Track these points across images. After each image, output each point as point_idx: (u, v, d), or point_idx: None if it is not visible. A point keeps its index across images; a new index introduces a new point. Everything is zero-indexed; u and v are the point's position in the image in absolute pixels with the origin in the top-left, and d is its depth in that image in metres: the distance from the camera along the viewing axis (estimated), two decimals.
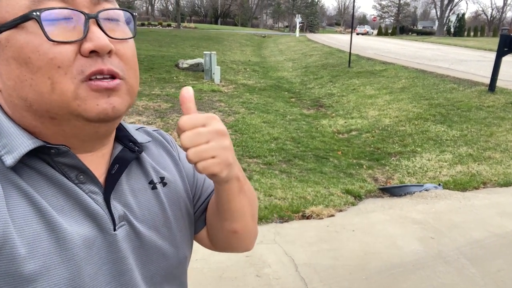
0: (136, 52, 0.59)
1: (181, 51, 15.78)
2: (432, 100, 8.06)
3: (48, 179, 0.52)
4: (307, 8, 70.42)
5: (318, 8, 78.98)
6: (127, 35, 0.55)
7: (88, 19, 0.49)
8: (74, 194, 0.53)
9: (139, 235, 0.60)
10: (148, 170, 0.65)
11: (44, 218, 0.49)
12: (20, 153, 0.49)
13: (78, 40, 0.49)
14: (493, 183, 4.43)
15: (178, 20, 38.03)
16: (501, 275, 2.56)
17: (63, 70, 0.48)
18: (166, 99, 7.77)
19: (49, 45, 0.47)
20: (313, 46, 21.47)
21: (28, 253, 0.46)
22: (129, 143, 0.64)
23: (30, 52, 0.48)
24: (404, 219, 3.37)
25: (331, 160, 5.36)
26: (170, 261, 0.64)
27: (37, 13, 0.47)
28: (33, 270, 0.46)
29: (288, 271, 2.56)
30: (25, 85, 0.49)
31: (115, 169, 0.59)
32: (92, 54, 0.49)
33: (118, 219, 0.57)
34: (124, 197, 0.60)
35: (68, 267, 0.50)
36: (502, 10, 67.52)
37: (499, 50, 7.67)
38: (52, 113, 0.50)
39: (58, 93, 0.48)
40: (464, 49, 20.76)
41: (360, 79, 11.10)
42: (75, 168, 0.54)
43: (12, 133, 0.51)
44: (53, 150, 0.52)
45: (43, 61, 0.47)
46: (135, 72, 0.56)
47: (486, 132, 6.06)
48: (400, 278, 2.52)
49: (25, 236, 0.47)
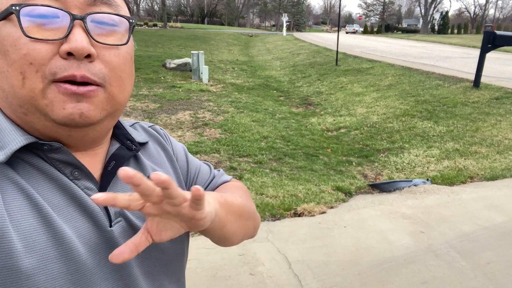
0: (130, 61, 0.57)
1: (168, 51, 15.66)
2: (418, 97, 8.17)
3: (43, 174, 0.52)
4: (294, 7, 70.66)
5: (305, 7, 79.26)
6: (120, 42, 0.53)
7: (73, 20, 0.49)
8: (70, 190, 0.53)
9: (136, 230, 0.59)
10: (145, 167, 0.65)
11: (40, 213, 0.49)
12: (12, 149, 0.49)
13: (56, 39, 0.48)
14: (480, 177, 4.51)
15: (164, 20, 37.73)
16: (490, 267, 2.61)
17: (34, 67, 0.47)
18: (154, 99, 7.71)
19: (26, 40, 0.47)
20: (300, 45, 21.54)
21: (25, 247, 0.46)
22: (127, 141, 0.64)
23: (8, 45, 0.48)
24: (394, 214, 3.41)
25: (321, 158, 5.38)
26: (168, 256, 0.64)
27: (16, 8, 0.47)
28: (31, 264, 0.46)
29: (281, 268, 2.57)
30: (3, 77, 0.49)
31: (112, 166, 0.59)
32: (70, 56, 0.48)
33: (114, 215, 0.57)
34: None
35: (66, 261, 0.49)
36: (485, 8, 68.82)
37: (483, 47, 7.81)
38: (24, 108, 0.50)
39: (27, 89, 0.48)
40: (449, 46, 21.09)
41: (347, 77, 11.18)
42: (70, 164, 0.54)
43: (4, 128, 0.51)
44: (46, 147, 0.52)
45: (18, 55, 0.47)
46: (121, 81, 0.54)
47: (472, 128, 6.17)
48: (392, 272, 2.55)
49: (22, 230, 0.47)
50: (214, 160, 4.72)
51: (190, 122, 6.36)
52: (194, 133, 5.81)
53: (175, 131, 5.81)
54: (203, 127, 6.12)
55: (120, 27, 0.54)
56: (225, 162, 4.70)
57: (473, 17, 69.54)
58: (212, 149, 5.10)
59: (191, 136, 5.67)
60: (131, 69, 0.58)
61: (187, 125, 6.21)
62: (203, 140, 5.46)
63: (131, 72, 0.58)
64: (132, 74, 0.58)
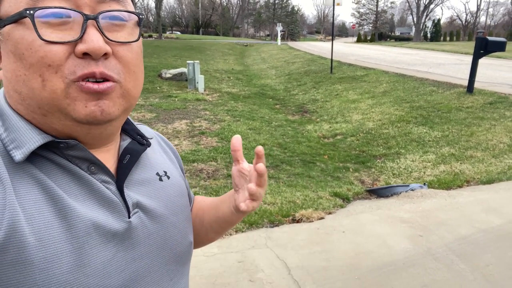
0: (141, 55, 0.58)
1: (163, 61, 15.72)
2: (413, 103, 8.23)
3: (62, 168, 0.53)
4: (288, 16, 71.33)
5: (298, 16, 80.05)
6: (131, 37, 0.54)
7: (86, 20, 0.49)
8: (88, 183, 0.54)
9: (153, 221, 0.61)
10: (153, 163, 0.68)
11: (56, 205, 0.50)
12: (30, 148, 0.50)
13: (71, 41, 0.49)
14: (476, 181, 4.53)
15: (159, 31, 37.96)
16: (489, 269, 2.61)
17: (53, 69, 0.48)
18: (150, 109, 7.72)
19: (41, 43, 0.47)
20: (295, 54, 21.69)
21: (37, 240, 0.47)
22: (137, 136, 0.66)
23: (23, 48, 0.48)
24: (392, 218, 3.41)
25: (318, 164, 5.39)
26: (181, 247, 0.67)
27: (30, 12, 0.47)
28: (43, 257, 0.47)
29: (281, 274, 2.56)
30: (20, 80, 0.49)
31: (127, 159, 0.61)
32: (86, 56, 0.49)
33: (132, 206, 0.58)
34: (136, 186, 0.61)
35: (79, 254, 0.50)
36: (476, 15, 69.75)
37: (475, 53, 7.91)
38: (44, 110, 0.50)
39: (48, 91, 0.49)
40: (441, 53, 21.32)
41: (342, 84, 11.26)
42: (86, 160, 0.55)
43: (20, 127, 0.51)
44: (62, 145, 0.53)
45: (35, 58, 0.48)
46: (135, 75, 0.56)
47: (467, 132, 6.22)
48: (392, 276, 2.55)
49: (35, 224, 0.47)
50: (211, 168, 4.72)
51: (187, 131, 6.36)
52: (191, 142, 5.81)
53: (172, 140, 5.81)
54: (199, 136, 6.12)
55: (129, 22, 0.55)
56: (222, 170, 4.69)
57: (465, 25, 70.45)
58: (209, 157, 5.10)
59: (188, 144, 5.67)
60: (142, 64, 0.59)
61: (183, 134, 6.22)
62: (200, 149, 5.46)
63: (142, 67, 0.59)
64: (143, 69, 0.60)
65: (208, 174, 4.57)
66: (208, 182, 4.33)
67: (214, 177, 4.49)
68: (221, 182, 4.33)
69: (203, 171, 4.64)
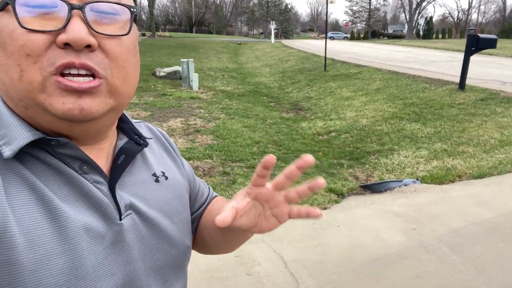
0: (134, 51, 0.55)
1: (157, 60, 15.68)
2: (406, 100, 8.32)
3: (51, 168, 0.51)
4: (281, 15, 71.38)
5: (292, 14, 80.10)
6: (122, 32, 0.51)
7: (71, 10, 0.47)
8: (78, 184, 0.52)
9: (147, 224, 0.59)
10: (150, 163, 0.66)
11: (46, 206, 0.48)
12: (19, 145, 0.48)
13: (53, 30, 0.46)
14: (468, 176, 4.61)
15: (152, 29, 37.78)
16: (480, 260, 2.69)
17: (32, 59, 0.46)
18: (144, 108, 7.73)
19: (22, 31, 0.46)
20: (289, 52, 21.74)
21: (27, 242, 0.45)
22: (134, 136, 0.63)
23: (5, 36, 0.46)
24: (386, 213, 3.47)
25: None
26: (176, 250, 0.64)
27: None
28: (33, 259, 0.45)
29: (277, 268, 2.61)
30: (2, 70, 0.48)
31: (121, 160, 0.58)
32: (67, 46, 0.47)
33: (124, 208, 0.56)
34: (130, 187, 0.59)
35: (70, 256, 0.48)
36: (468, 13, 70.33)
37: (467, 50, 8.00)
38: (24, 102, 0.48)
39: (25, 82, 0.46)
40: (434, 50, 21.49)
41: (336, 82, 11.33)
42: (78, 159, 0.53)
43: (10, 123, 0.50)
44: (53, 142, 0.51)
45: (15, 47, 0.46)
46: (125, 72, 0.52)
47: (459, 128, 6.31)
48: (386, 268, 2.61)
49: (25, 225, 0.46)
50: (207, 166, 4.76)
51: (182, 129, 6.39)
52: (186, 140, 5.83)
53: None
54: (195, 134, 6.15)
55: (121, 16, 0.52)
56: (218, 167, 4.73)
57: (457, 22, 70.99)
58: (205, 154, 5.14)
59: (183, 142, 5.69)
60: (135, 60, 0.55)
61: (178, 132, 6.24)
62: (196, 146, 5.49)
63: (136, 63, 0.55)
64: (136, 66, 0.56)
65: (204, 171, 4.60)
66: (204, 179, 4.37)
67: (210, 174, 4.53)
68: (217, 179, 4.37)
69: (199, 169, 4.67)
